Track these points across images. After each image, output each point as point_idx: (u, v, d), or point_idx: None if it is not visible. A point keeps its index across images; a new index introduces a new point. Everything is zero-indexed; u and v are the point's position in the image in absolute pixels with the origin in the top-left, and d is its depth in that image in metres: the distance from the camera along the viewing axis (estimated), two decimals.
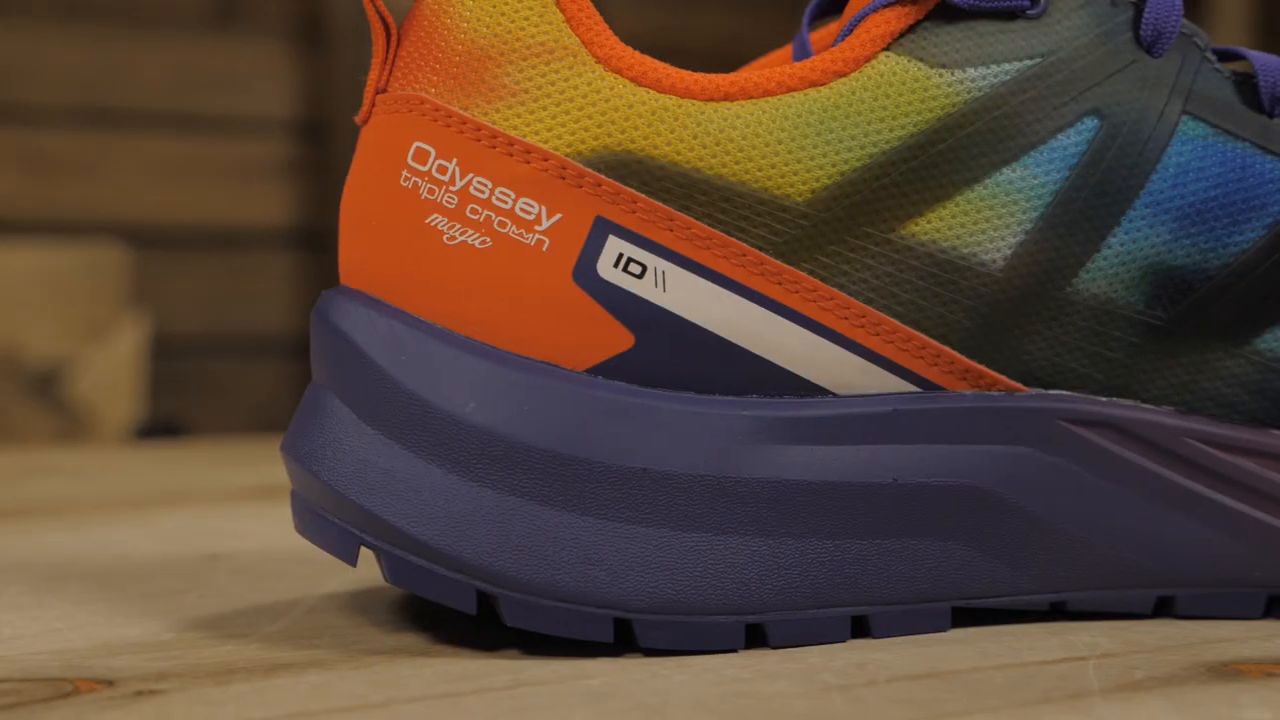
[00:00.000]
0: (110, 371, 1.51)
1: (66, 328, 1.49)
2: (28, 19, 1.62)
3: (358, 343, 0.36)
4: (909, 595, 0.37)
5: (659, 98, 0.36)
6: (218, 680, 0.33)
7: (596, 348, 0.36)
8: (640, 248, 0.36)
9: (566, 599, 0.35)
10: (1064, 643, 0.37)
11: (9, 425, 1.45)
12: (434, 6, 0.37)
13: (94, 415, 1.49)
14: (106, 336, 1.51)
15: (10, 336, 1.46)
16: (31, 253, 1.50)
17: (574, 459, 0.35)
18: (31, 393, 1.48)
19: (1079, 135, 0.38)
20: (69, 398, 1.48)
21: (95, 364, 1.50)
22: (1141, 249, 0.38)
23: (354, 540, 0.36)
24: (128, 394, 1.52)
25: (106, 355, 1.51)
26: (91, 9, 1.65)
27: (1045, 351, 0.38)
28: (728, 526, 0.36)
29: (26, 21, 1.62)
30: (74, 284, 1.50)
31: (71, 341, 1.49)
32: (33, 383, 1.47)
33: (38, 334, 1.47)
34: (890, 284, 0.37)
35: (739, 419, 0.36)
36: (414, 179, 0.36)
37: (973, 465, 0.38)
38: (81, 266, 1.51)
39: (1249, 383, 0.39)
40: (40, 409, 1.48)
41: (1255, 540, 0.39)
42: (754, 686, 0.33)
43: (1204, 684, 0.33)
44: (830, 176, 0.36)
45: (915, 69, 0.37)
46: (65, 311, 1.49)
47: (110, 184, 1.65)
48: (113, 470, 0.74)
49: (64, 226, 1.61)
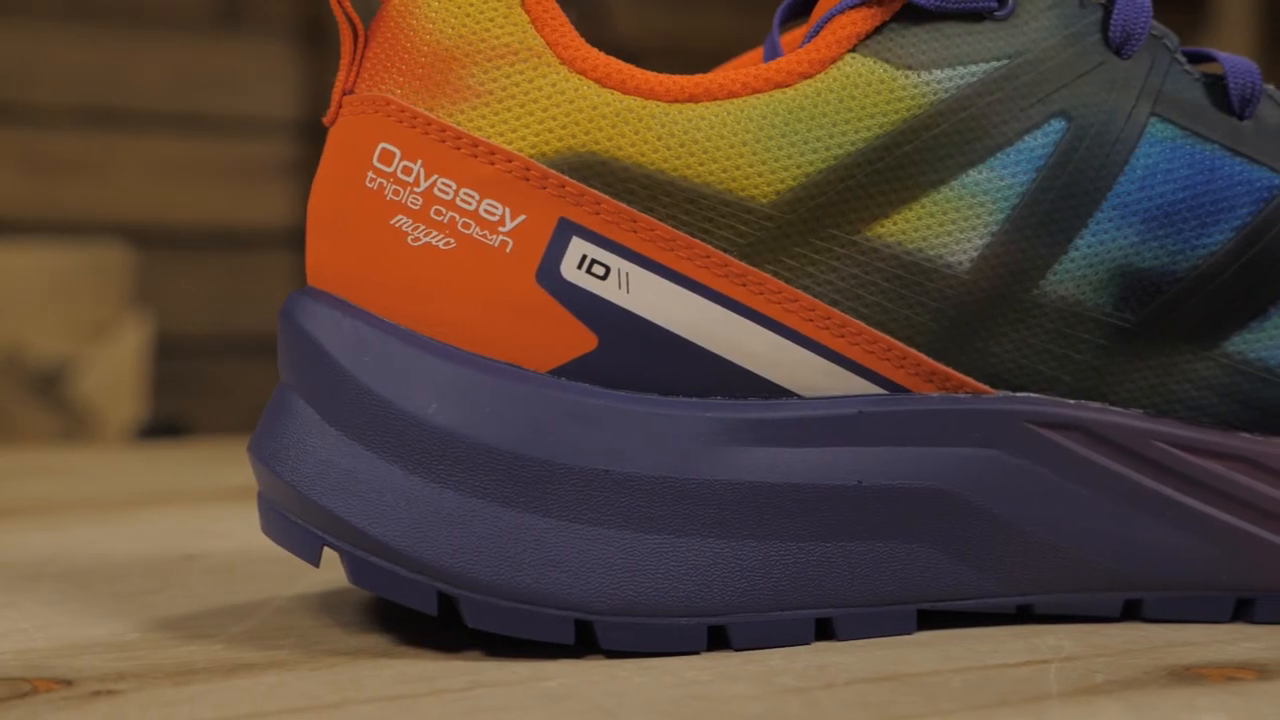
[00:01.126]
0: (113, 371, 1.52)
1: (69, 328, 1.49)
2: (31, 20, 1.63)
3: (322, 344, 0.36)
4: (874, 598, 0.37)
5: (623, 99, 0.36)
6: (176, 681, 0.33)
7: (560, 349, 0.36)
8: (604, 249, 0.36)
9: (527, 600, 0.35)
10: (1028, 646, 0.37)
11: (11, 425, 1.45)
12: (400, 8, 0.37)
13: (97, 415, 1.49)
14: (109, 336, 1.51)
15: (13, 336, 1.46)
16: (34, 252, 1.50)
17: (535, 460, 0.35)
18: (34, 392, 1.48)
19: (1046, 137, 0.37)
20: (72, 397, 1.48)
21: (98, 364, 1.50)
22: (1109, 251, 0.38)
23: (316, 541, 0.36)
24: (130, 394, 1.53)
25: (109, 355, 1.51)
26: (94, 10, 1.65)
27: (1012, 354, 0.38)
28: (690, 528, 0.36)
29: (29, 22, 1.63)
30: (77, 284, 1.50)
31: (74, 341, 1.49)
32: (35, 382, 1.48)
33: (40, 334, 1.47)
34: (855, 286, 0.37)
35: (702, 421, 0.36)
36: (379, 180, 0.36)
37: (938, 468, 0.37)
38: (84, 266, 1.51)
39: (1217, 385, 0.39)
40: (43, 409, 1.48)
41: (1223, 543, 0.39)
42: (711, 689, 0.33)
43: (1163, 688, 0.33)
44: (795, 178, 0.36)
45: (881, 70, 0.37)
46: (68, 311, 1.50)
47: (113, 184, 1.66)
48: (106, 470, 0.74)
49: (67, 226, 1.61)
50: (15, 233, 1.57)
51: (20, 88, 1.62)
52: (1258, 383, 0.39)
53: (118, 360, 1.52)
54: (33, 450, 0.98)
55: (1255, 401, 0.39)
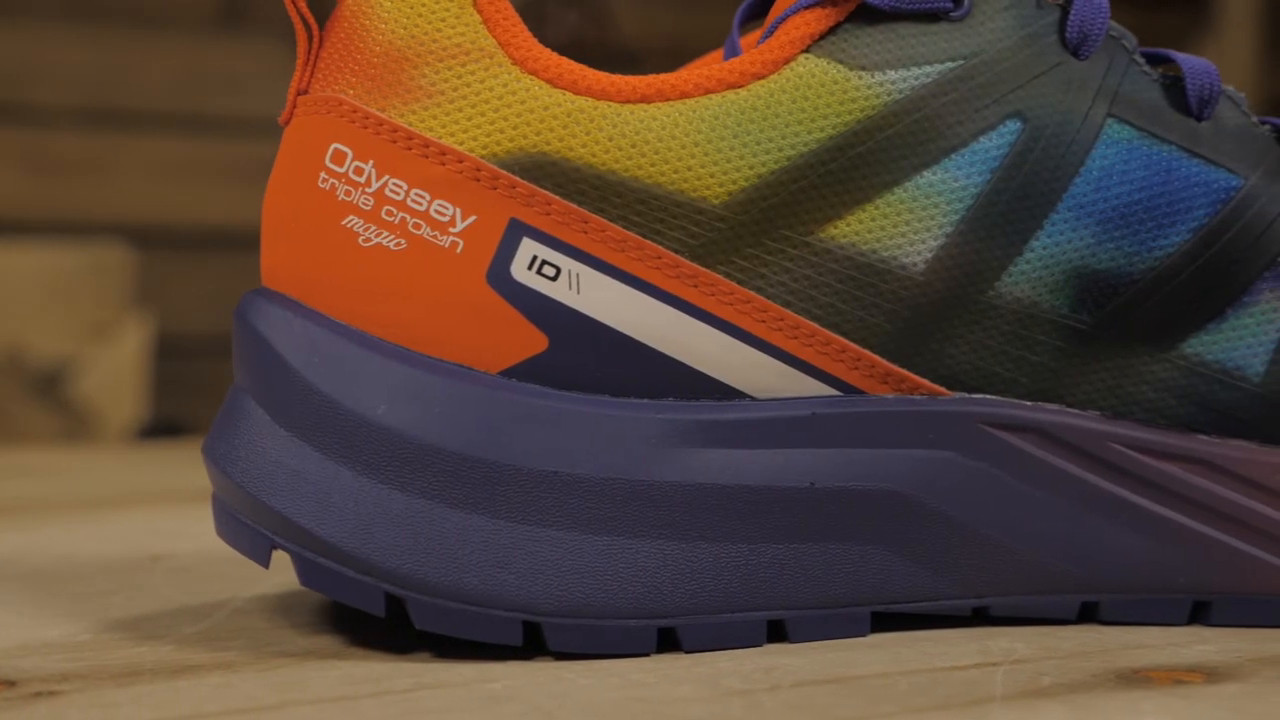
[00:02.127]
0: (114, 371, 1.52)
1: (70, 328, 1.49)
2: (33, 20, 1.63)
3: (273, 344, 0.36)
4: (827, 600, 0.37)
5: (575, 99, 0.36)
6: (120, 682, 0.33)
7: (510, 350, 0.36)
8: (554, 250, 0.36)
9: (474, 602, 0.35)
10: (980, 648, 0.37)
11: (12, 425, 1.46)
12: (353, 8, 0.37)
13: (97, 415, 1.50)
14: (110, 336, 1.51)
15: (14, 336, 1.46)
16: (36, 253, 1.51)
17: (484, 461, 0.35)
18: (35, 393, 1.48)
19: (1001, 138, 0.37)
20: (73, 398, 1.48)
21: (99, 364, 1.50)
22: (1065, 252, 0.38)
23: (266, 542, 0.36)
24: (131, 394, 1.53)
25: (110, 355, 1.51)
26: (97, 10, 1.65)
27: (968, 355, 0.38)
28: (640, 530, 0.36)
29: (32, 22, 1.63)
30: (78, 284, 1.51)
31: (75, 341, 1.49)
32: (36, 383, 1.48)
33: (42, 334, 1.48)
34: (809, 287, 0.37)
35: (653, 422, 0.36)
36: (331, 180, 0.36)
37: (893, 469, 0.37)
38: (86, 267, 1.51)
39: (1175, 387, 0.39)
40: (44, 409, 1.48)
41: (1180, 546, 0.39)
42: (655, 691, 0.33)
43: (1110, 691, 0.33)
44: (747, 179, 0.36)
45: (835, 71, 0.37)
46: (69, 311, 1.50)
47: (115, 184, 1.66)
48: (89, 470, 0.74)
49: (69, 226, 1.62)
50: (16, 233, 1.57)
51: (21, 88, 1.63)
52: (1215, 384, 0.39)
53: (118, 360, 1.52)
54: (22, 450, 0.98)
55: (1213, 403, 0.39)
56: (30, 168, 1.64)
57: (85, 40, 1.65)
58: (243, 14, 1.69)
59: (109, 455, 0.87)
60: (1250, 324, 0.39)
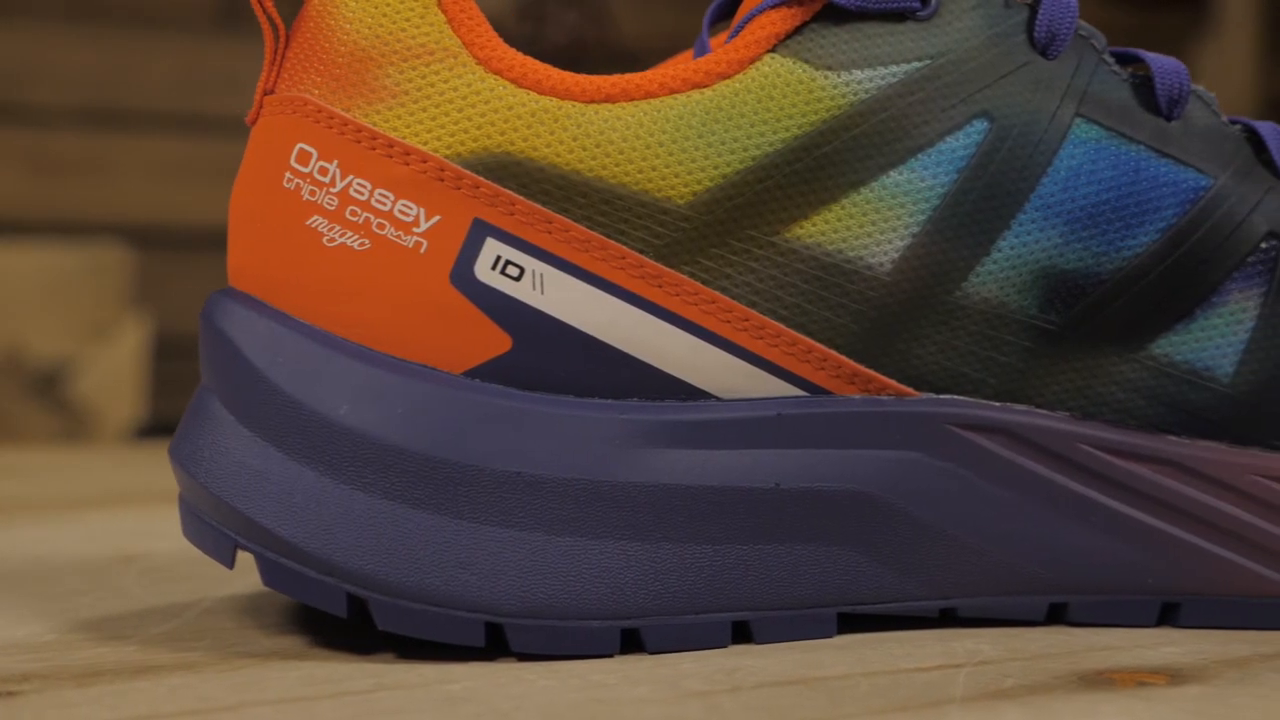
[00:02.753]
0: (113, 371, 1.52)
1: (69, 328, 1.49)
2: (34, 20, 1.63)
3: (237, 345, 0.36)
4: (792, 601, 0.37)
5: (539, 99, 0.36)
6: (80, 682, 0.33)
7: (474, 350, 0.36)
8: (518, 250, 0.36)
9: (437, 602, 0.35)
10: (946, 650, 0.36)
11: (11, 425, 1.46)
12: (319, 7, 0.37)
13: (96, 415, 1.50)
14: (109, 336, 1.51)
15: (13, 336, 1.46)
16: (34, 252, 1.51)
17: (447, 462, 0.35)
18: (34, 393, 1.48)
19: (968, 138, 0.37)
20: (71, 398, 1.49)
21: (98, 364, 1.50)
22: (1032, 253, 0.38)
23: (230, 543, 0.36)
24: (130, 394, 1.53)
25: (109, 355, 1.51)
26: (97, 10, 1.65)
27: (936, 356, 0.38)
28: (603, 531, 0.36)
29: (32, 22, 1.63)
30: (77, 284, 1.51)
31: (74, 341, 1.49)
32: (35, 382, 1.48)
33: (40, 334, 1.48)
34: (774, 287, 0.37)
35: (618, 423, 0.36)
36: (296, 180, 0.36)
37: (860, 470, 0.37)
38: (85, 266, 1.51)
39: (1144, 388, 0.39)
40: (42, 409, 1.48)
41: (1149, 547, 0.39)
42: (615, 692, 0.33)
43: (1071, 693, 0.33)
44: (712, 179, 0.36)
45: (800, 71, 0.36)
46: (68, 311, 1.50)
47: (115, 184, 1.66)
48: (84, 469, 0.74)
49: (68, 226, 1.62)
50: (16, 233, 1.57)
51: (22, 88, 1.63)
52: (1184, 385, 0.39)
53: (117, 360, 1.53)
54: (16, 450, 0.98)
55: (1182, 404, 0.39)
56: (32, 168, 1.64)
57: (85, 40, 1.65)
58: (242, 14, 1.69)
59: (101, 455, 0.87)
60: (1219, 324, 0.39)
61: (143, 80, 1.67)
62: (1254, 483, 0.39)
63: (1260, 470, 0.39)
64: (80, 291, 1.51)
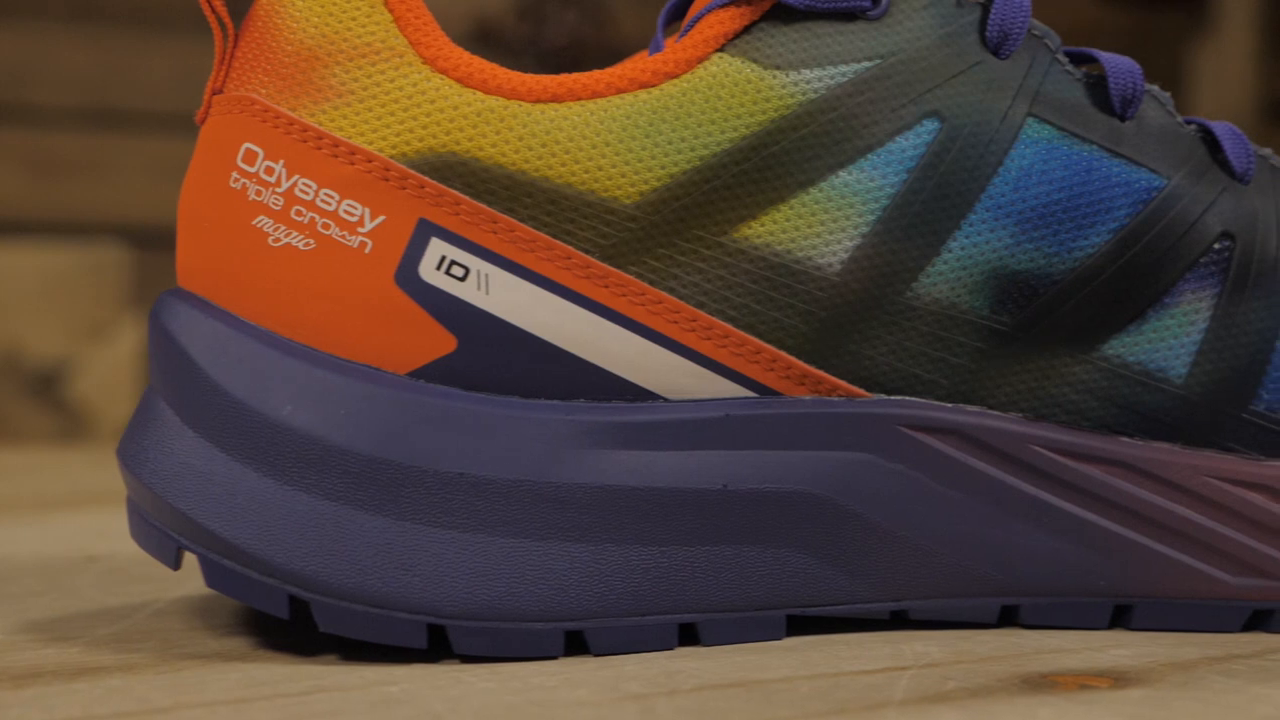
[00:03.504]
0: (111, 372, 1.52)
1: (68, 328, 1.49)
2: (34, 20, 1.63)
3: (183, 345, 0.36)
4: (741, 603, 0.37)
5: (485, 99, 0.36)
6: (19, 684, 0.33)
7: (418, 351, 0.36)
8: (463, 250, 0.36)
9: (378, 604, 0.35)
10: (894, 652, 0.36)
11: (9, 425, 1.46)
12: (267, 7, 0.37)
13: (94, 415, 1.50)
14: (108, 337, 1.51)
15: (11, 336, 1.46)
16: (33, 252, 1.51)
17: (391, 463, 0.35)
18: (32, 393, 1.48)
19: (918, 138, 0.37)
20: (70, 397, 1.49)
21: (96, 364, 1.50)
22: (983, 253, 0.37)
23: (173, 544, 0.36)
24: (129, 394, 1.53)
25: (108, 355, 1.51)
26: (97, 10, 1.65)
27: (887, 357, 0.37)
28: (548, 532, 0.35)
29: (32, 23, 1.63)
30: (75, 284, 1.51)
31: (72, 341, 1.49)
32: (33, 383, 1.48)
33: (38, 334, 1.48)
34: (722, 288, 0.36)
35: (562, 424, 0.36)
36: (243, 180, 0.36)
37: (808, 472, 0.37)
38: (83, 267, 1.51)
39: (1096, 389, 0.38)
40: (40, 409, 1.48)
41: (1101, 549, 0.38)
42: (553, 695, 0.32)
43: (1011, 696, 0.33)
44: (660, 179, 0.36)
45: (749, 70, 0.36)
46: (66, 311, 1.50)
47: (114, 184, 1.66)
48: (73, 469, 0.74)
49: (67, 227, 1.62)
50: (15, 233, 1.57)
51: (22, 88, 1.63)
52: (1137, 386, 0.38)
53: (116, 361, 1.53)
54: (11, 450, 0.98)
55: (1135, 405, 0.38)
56: (31, 168, 1.64)
57: (85, 40, 1.65)
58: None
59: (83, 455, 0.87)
60: (1172, 325, 0.38)
61: (143, 80, 1.67)
62: (1206, 484, 0.38)
63: (1213, 472, 0.38)
64: (79, 292, 1.51)
